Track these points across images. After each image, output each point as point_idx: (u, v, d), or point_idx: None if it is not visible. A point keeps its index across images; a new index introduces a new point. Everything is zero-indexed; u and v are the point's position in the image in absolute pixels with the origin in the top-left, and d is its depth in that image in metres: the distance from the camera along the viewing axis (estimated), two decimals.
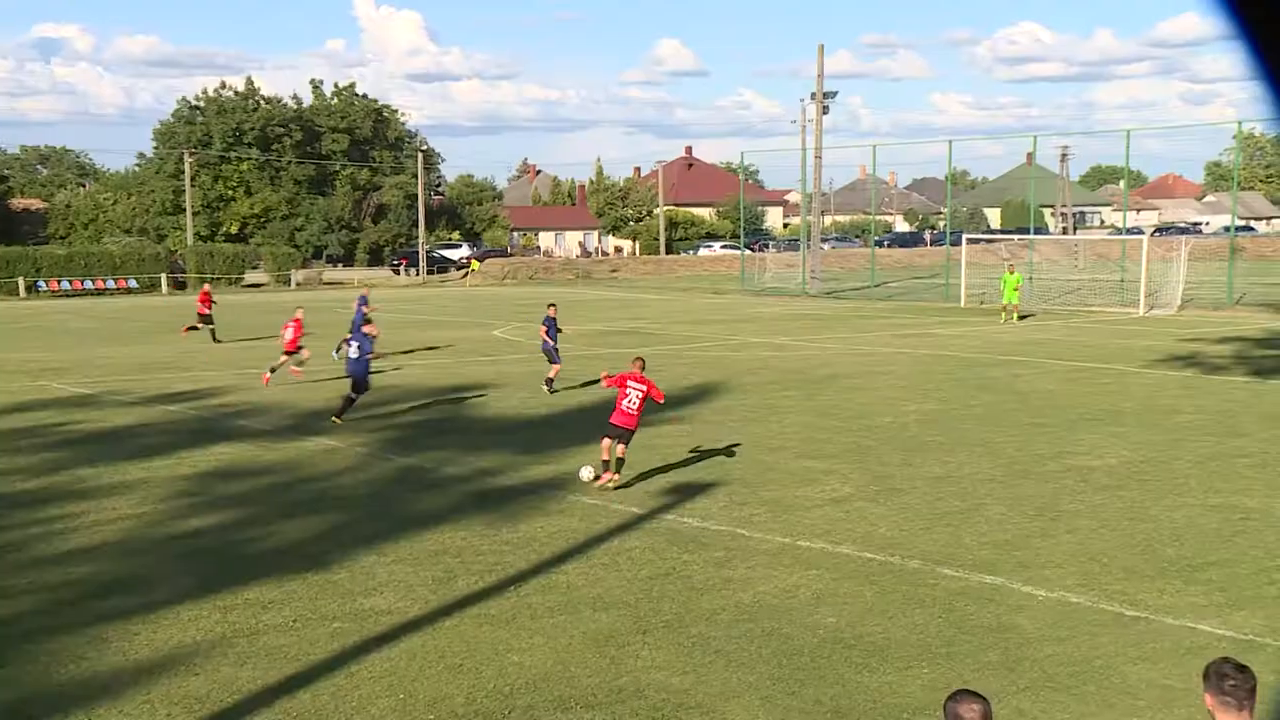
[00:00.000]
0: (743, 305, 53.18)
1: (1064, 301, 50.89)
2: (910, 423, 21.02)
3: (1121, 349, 32.49)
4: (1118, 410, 21.99)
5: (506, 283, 79.75)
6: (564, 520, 14.33)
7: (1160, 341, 34.21)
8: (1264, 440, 18.82)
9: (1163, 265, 51.43)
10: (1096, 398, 23.60)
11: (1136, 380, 26.11)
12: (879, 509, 14.64)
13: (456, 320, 45.87)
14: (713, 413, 22.55)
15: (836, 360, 30.84)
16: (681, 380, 27.28)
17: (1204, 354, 30.81)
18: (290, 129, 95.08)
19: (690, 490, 15.79)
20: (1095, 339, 35.67)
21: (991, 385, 25.60)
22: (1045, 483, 15.97)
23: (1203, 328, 38.68)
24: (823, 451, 18.45)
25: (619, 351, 33.63)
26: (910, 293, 59.89)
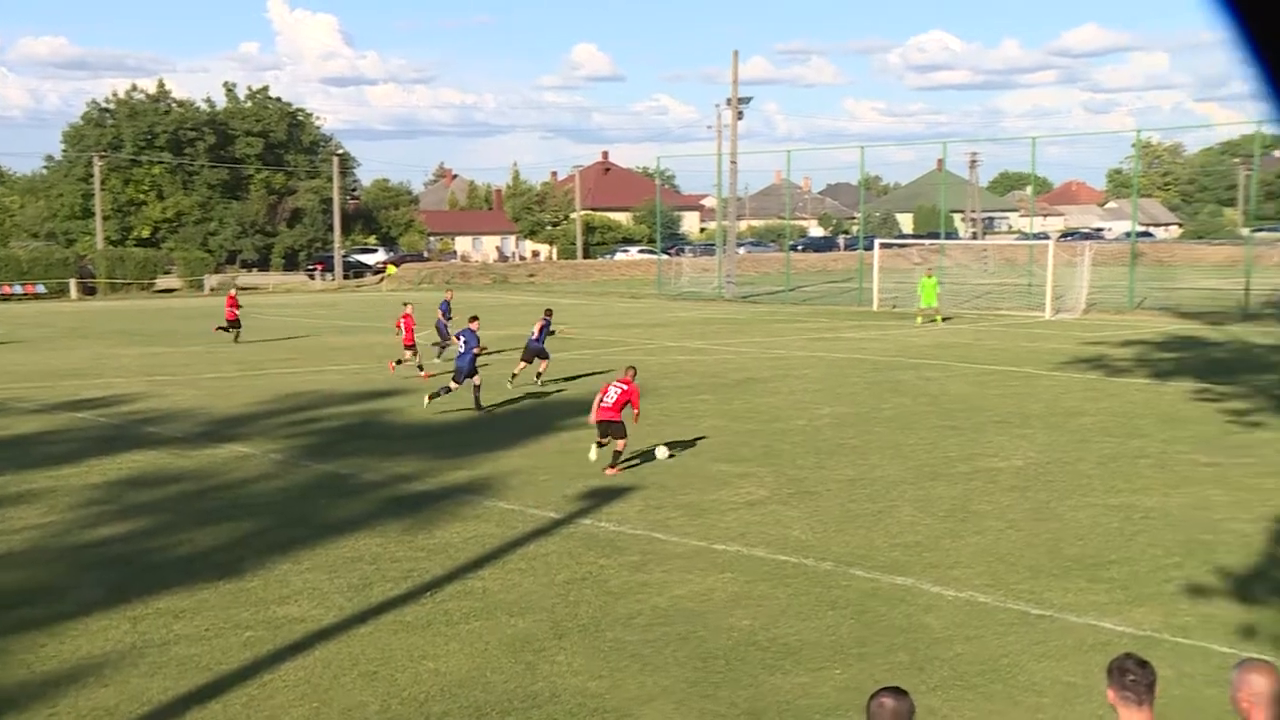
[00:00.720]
0: (659, 309, 53.33)
1: (974, 305, 51.66)
2: (824, 426, 21.22)
3: (1029, 352, 33.07)
4: (1025, 412, 22.38)
5: (423, 287, 79.17)
6: (480, 525, 14.27)
7: (1066, 344, 34.87)
8: (1162, 441, 19.26)
9: (1068, 270, 52.42)
10: (1005, 400, 24.00)
11: (1043, 383, 26.59)
12: (793, 511, 14.76)
13: (373, 325, 45.45)
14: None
15: (752, 364, 31.04)
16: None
17: (1107, 357, 31.45)
18: (203, 132, 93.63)
19: (607, 494, 15.80)
20: (1004, 342, 36.28)
21: (903, 388, 25.92)
22: (955, 484, 16.20)
23: (1106, 331, 39.50)
24: (738, 455, 18.56)
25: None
26: (824, 297, 60.44)
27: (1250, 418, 21.37)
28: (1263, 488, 15.72)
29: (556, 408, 23.85)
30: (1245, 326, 40.59)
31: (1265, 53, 2.15)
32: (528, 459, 18.44)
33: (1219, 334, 38.12)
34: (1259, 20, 2.12)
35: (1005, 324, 43.52)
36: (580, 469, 17.52)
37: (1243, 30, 2.14)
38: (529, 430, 21.07)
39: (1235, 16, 2.14)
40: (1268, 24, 2.12)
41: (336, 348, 37.12)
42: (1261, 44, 2.14)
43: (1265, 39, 2.14)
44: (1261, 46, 2.15)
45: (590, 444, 18.03)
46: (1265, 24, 2.13)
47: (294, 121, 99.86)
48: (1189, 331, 39.06)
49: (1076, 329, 40.57)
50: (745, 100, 61.76)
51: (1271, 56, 2.15)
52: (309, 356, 34.52)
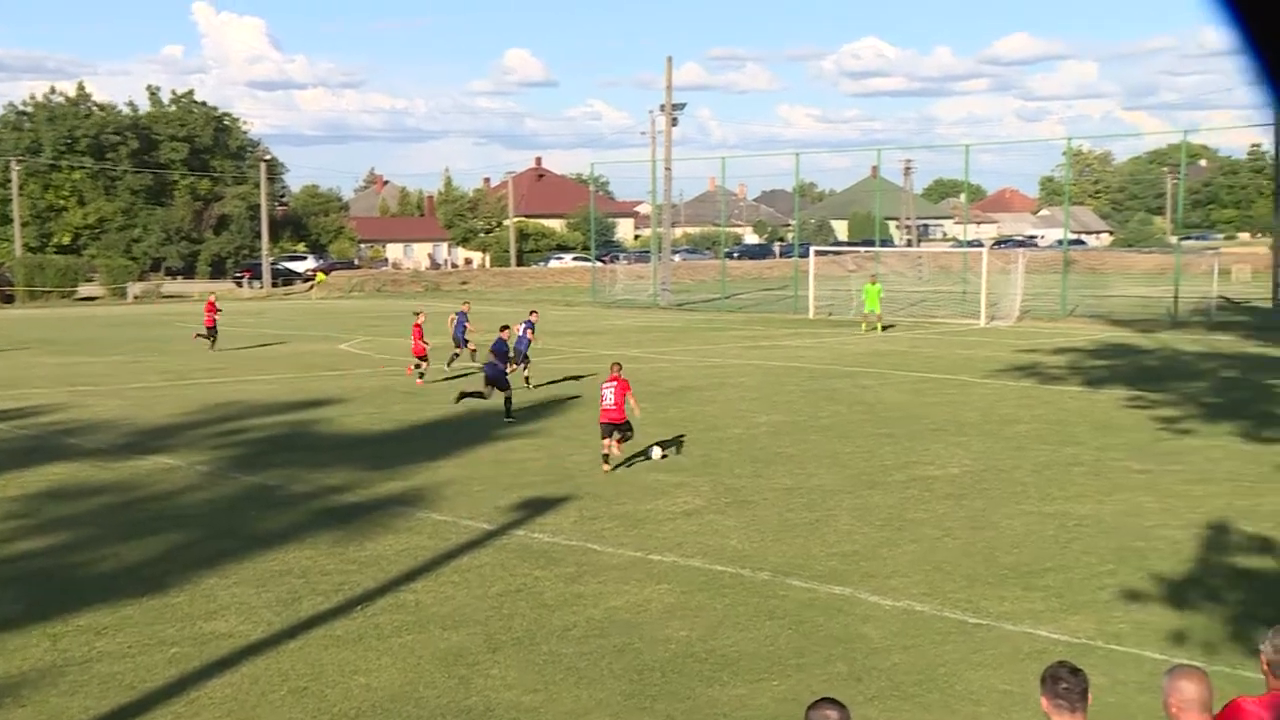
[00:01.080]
0: (594, 317, 53.29)
1: (909, 313, 52.14)
2: (760, 434, 21.30)
3: (964, 360, 33.43)
4: (961, 420, 22.62)
5: (353, 295, 78.56)
6: (412, 537, 14.17)
7: (1000, 352, 35.30)
8: (1096, 448, 19.55)
9: (1002, 277, 53.08)
10: (941, 408, 24.23)
11: (978, 390, 26.89)
12: (730, 521, 14.80)
13: (302, 334, 45.02)
14: (564, 427, 22.54)
15: (688, 372, 31.11)
16: (532, 394, 27.21)
17: (1041, 364, 31.87)
18: (126, 137, 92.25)
19: (541, 505, 15.75)
20: (939, 350, 36.65)
21: (839, 396, 26.09)
22: (892, 493, 16.33)
23: (1039, 338, 40.04)
24: (674, 464, 18.59)
25: (468, 365, 33.43)
26: (760, 304, 60.75)
27: (1180, 425, 21.75)
28: (1192, 494, 16.00)
29: (492, 417, 23.75)
30: (1174, 334, 41.33)
31: (1264, 48, 2.19)
32: (461, 469, 18.34)
33: (1149, 341, 38.78)
34: (1258, 17, 2.16)
35: (940, 332, 43.97)
36: (515, 479, 17.46)
37: (1241, 26, 2.17)
38: (463, 440, 20.96)
39: (1234, 13, 2.17)
40: (1267, 21, 2.15)
41: (265, 357, 36.72)
42: (1260, 40, 2.17)
43: (1264, 35, 2.17)
44: (1260, 43, 2.17)
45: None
46: (1265, 21, 2.15)
47: (220, 126, 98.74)
48: (1120, 339, 39.70)
49: (1011, 337, 41.08)
50: (679, 106, 61.98)
51: (1270, 52, 2.17)
52: (237, 366, 34.11)
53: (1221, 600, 11.36)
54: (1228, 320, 45.98)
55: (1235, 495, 15.87)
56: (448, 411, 24.53)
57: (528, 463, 18.84)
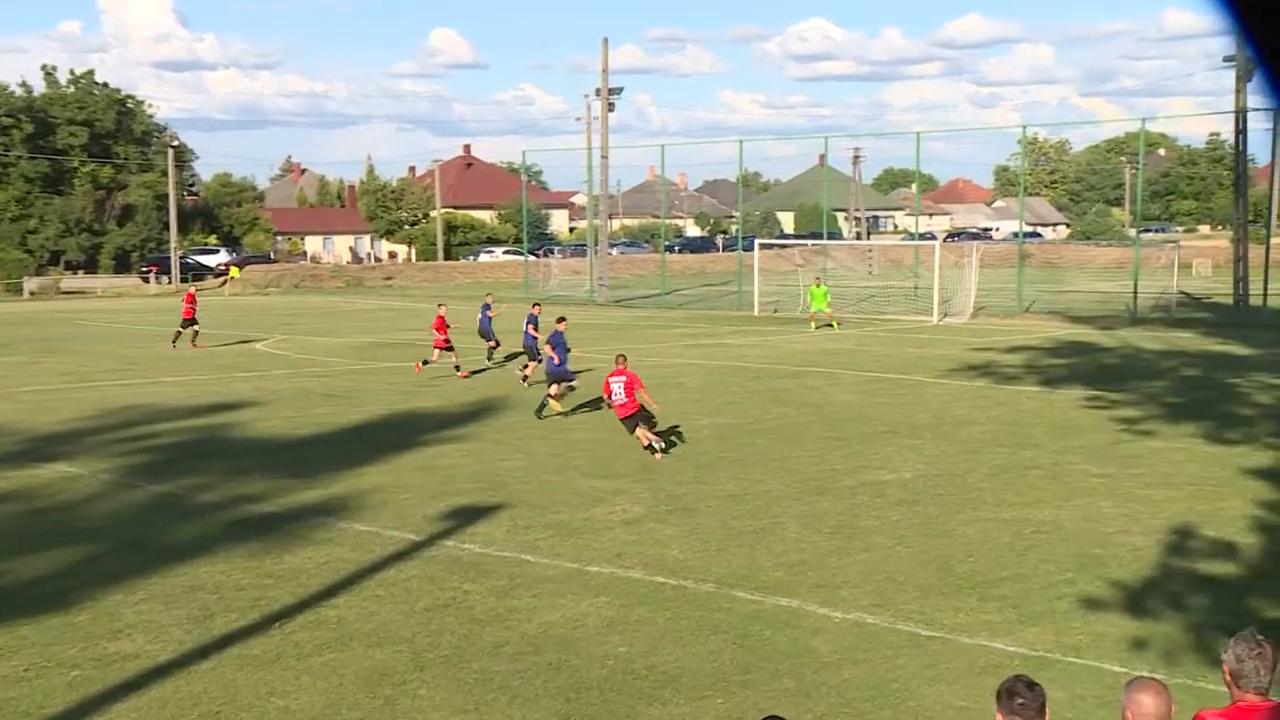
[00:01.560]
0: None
1: (859, 309, 52.50)
2: (703, 438, 21.37)
3: (916, 358, 33.73)
4: (913, 422, 22.81)
5: (270, 291, 77.92)
6: (334, 550, 14.07)
7: (954, 350, 35.64)
8: (1054, 451, 19.79)
9: (955, 271, 53.58)
10: (892, 409, 24.43)
11: (932, 391, 27.13)
12: (671, 530, 14.83)
13: (214, 333, 44.51)
14: (495, 430, 22.50)
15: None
16: (461, 396, 27.13)
17: (996, 363, 32.22)
18: (19, 120, 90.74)
19: (471, 514, 15.71)
20: (890, 348, 36.95)
21: (786, 397, 26.23)
22: (841, 499, 16.44)
23: (994, 336, 40.47)
24: (612, 470, 18.60)
25: (395, 366, 33.26)
26: (702, 300, 60.94)
27: (1141, 426, 22.07)
28: (1153, 499, 16.24)
29: (418, 420, 23.65)
30: (1135, 331, 41.95)
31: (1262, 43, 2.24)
32: (386, 476, 18.24)
33: (1109, 339, 39.33)
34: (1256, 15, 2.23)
35: (891, 329, 44.32)
36: (443, 487, 17.39)
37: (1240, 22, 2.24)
38: (387, 445, 20.84)
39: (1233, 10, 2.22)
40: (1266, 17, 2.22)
41: (174, 357, 36.31)
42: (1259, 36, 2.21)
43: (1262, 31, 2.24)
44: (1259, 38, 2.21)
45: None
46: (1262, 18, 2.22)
47: (123, 109, 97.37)
48: (1079, 336, 40.23)
49: (965, 334, 41.50)
50: (616, 91, 62.06)
51: (1269, 47, 2.22)
52: (143, 367, 33.71)
53: (1183, 608, 11.54)
54: (1189, 316, 46.73)
55: (1197, 499, 16.14)
56: (372, 414, 24.39)
57: (457, 469, 18.78)
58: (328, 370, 32.61)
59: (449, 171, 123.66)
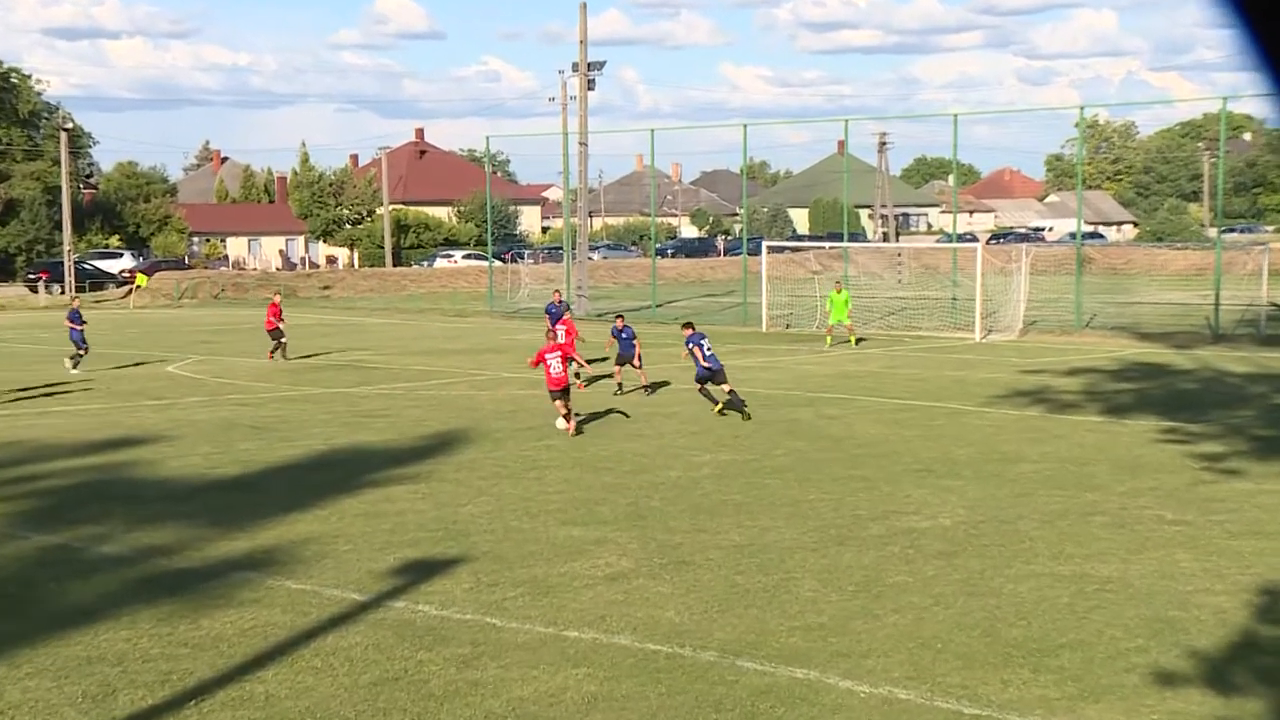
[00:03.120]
0: (492, 331, 53.22)
1: (886, 324, 52.61)
2: (703, 478, 21.36)
3: (955, 383, 33.76)
4: (952, 458, 22.82)
5: (184, 304, 77.90)
6: (262, 612, 14.01)
7: (1000, 373, 35.69)
8: (1121, 494, 19.80)
9: (1001, 280, 53.72)
10: (927, 443, 24.45)
11: (973, 421, 27.16)
12: (665, 587, 14.80)
13: (117, 353, 44.44)
14: (455, 469, 22.46)
15: (611, 400, 31.13)
16: (414, 428, 27.09)
17: (1050, 388, 32.27)
18: None
19: (426, 569, 15.66)
20: (924, 370, 36.97)
21: (801, 429, 26.24)
22: (867, 550, 16.42)
23: (1048, 356, 40.54)
24: (595, 516, 18.57)
25: (335, 392, 33.24)
26: (701, 314, 60.85)
27: (1225, 464, 22.10)
28: (1241, 551, 16.24)
29: (362, 457, 23.61)
30: (1216, 350, 42.05)
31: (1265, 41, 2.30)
32: (325, 524, 18.19)
33: (1186, 360, 39.42)
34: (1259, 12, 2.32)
35: (925, 348, 44.38)
36: (392, 536, 17.35)
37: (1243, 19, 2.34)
38: (326, 487, 20.80)
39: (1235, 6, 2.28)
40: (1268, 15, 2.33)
41: (68, 382, 36.21)
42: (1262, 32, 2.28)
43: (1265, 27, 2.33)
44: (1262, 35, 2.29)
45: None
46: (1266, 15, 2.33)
47: (5, 85, 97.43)
48: (1149, 356, 40.32)
49: (1013, 354, 41.55)
50: (597, 65, 62.20)
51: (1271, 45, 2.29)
52: (29, 395, 33.61)
53: (1277, 683, 11.53)
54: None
55: None
56: (307, 450, 24.35)
57: (409, 514, 18.73)
58: (254, 397, 32.55)
59: (399, 161, 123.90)
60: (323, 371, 38.28)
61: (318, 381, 35.79)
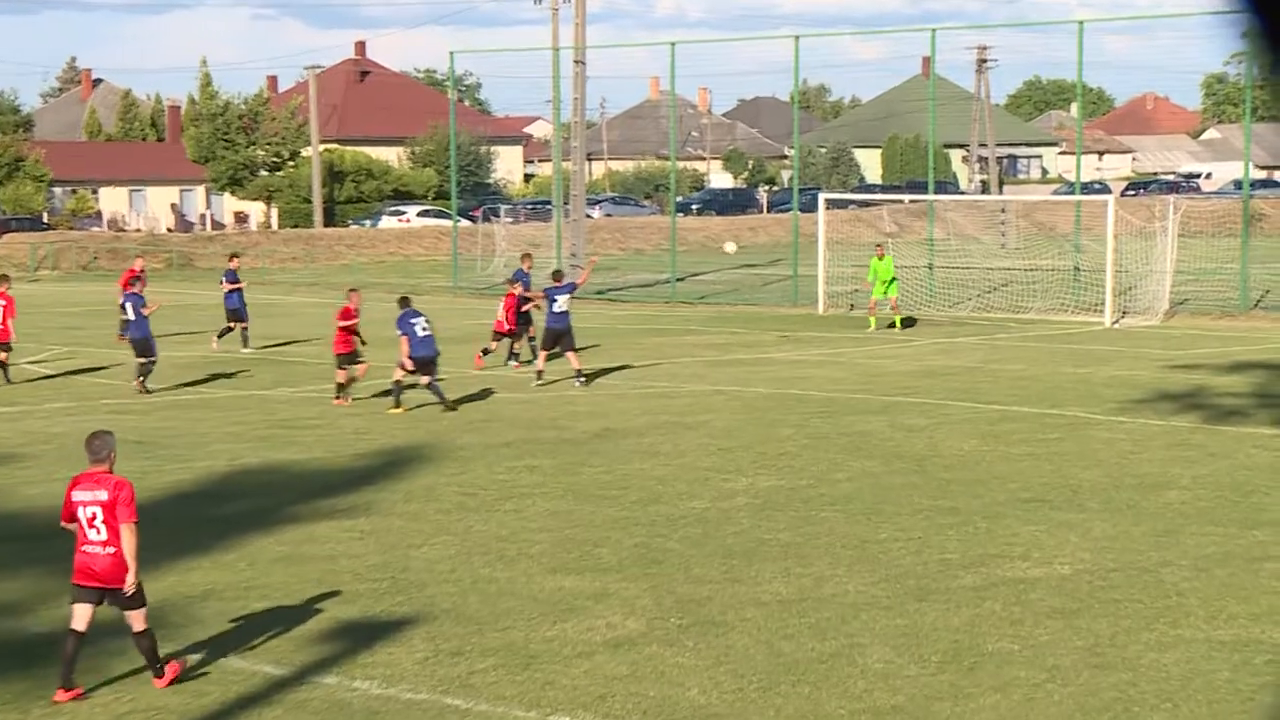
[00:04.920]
0: (456, 312, 53.06)
1: (984, 304, 52.39)
2: (737, 510, 21.31)
3: (1077, 383, 33.64)
4: (1073, 485, 22.74)
5: (41, 276, 77.92)
6: (144, 692, 14.02)
7: (1139, 370, 35.56)
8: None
9: (1141, 244, 53.50)
10: (1039, 465, 24.37)
11: (1102, 435, 27.07)
12: (686, 658, 14.79)
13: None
14: (406, 498, 22.43)
15: (614, 405, 31.09)
16: (352, 444, 27.09)
17: (1207, 390, 32.15)
18: None
19: (367, 632, 15.67)
20: (1034, 366, 36.86)
21: (870, 445, 26.18)
22: (958, 608, 16.39)
23: (1204, 347, 40.40)
24: (593, 561, 18.54)
25: (247, 394, 33.24)
26: (737, 290, 60.86)
27: None
28: None
29: (282, 481, 23.60)
30: None
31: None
32: (229, 572, 18.19)
33: None
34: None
35: (1037, 336, 44.26)
36: (321, 588, 17.31)
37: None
38: (232, 522, 20.80)
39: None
40: None
41: None
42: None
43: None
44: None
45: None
46: None
47: None
48: None
49: (1156, 344, 41.43)
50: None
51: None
52: None
53: None
54: None
55: None
56: (208, 472, 24.37)
57: (344, 560, 18.71)
58: (137, 403, 32.58)
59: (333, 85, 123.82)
60: (229, 367, 38.24)
61: (223, 382, 35.75)
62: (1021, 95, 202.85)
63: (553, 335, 34.34)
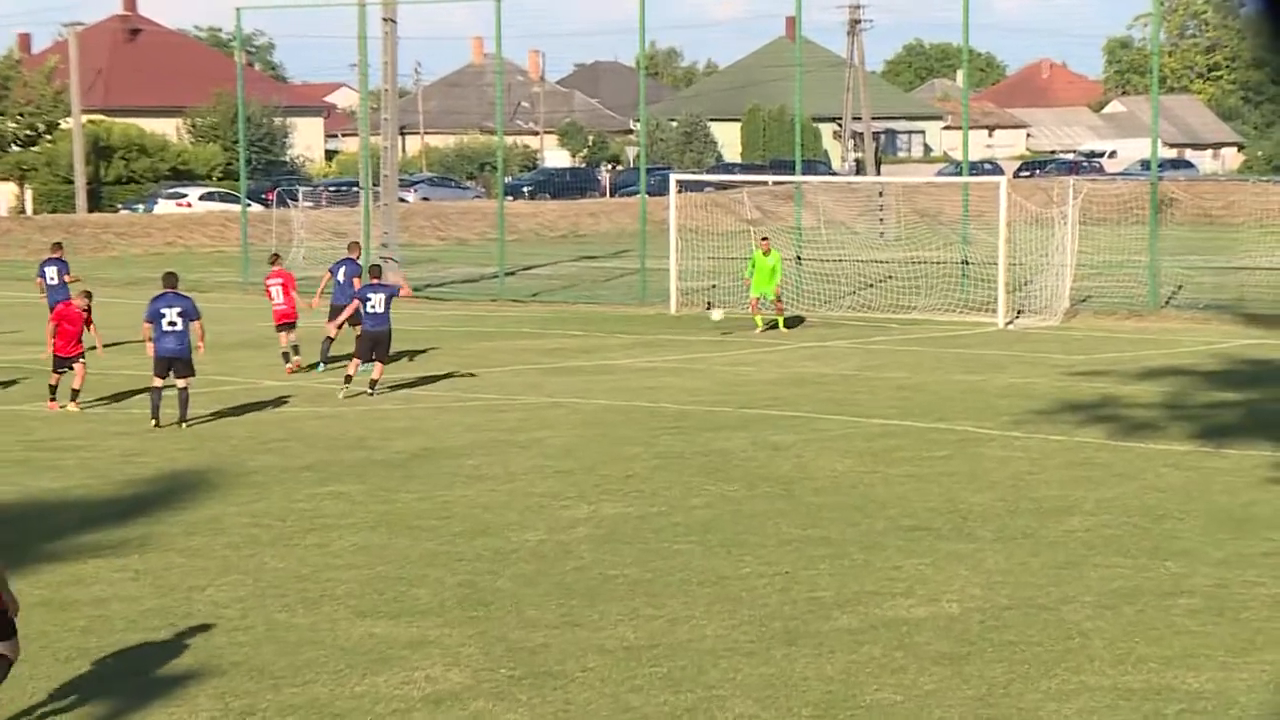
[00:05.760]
0: (246, 313, 52.75)
1: (860, 301, 52.69)
2: (578, 542, 21.34)
3: (967, 392, 33.93)
4: (962, 510, 22.94)
5: None
6: None
7: (1036, 378, 35.90)
8: (1219, 563, 19.98)
9: (1038, 233, 53.99)
10: (923, 487, 24.56)
11: (995, 452, 27.32)
12: (520, 714, 14.80)
13: None
14: (188, 531, 22.29)
15: (436, 420, 31.04)
16: (122, 468, 26.88)
17: (1114, 400, 32.50)
18: None
19: (141, 689, 15.56)
20: (918, 374, 37.11)
21: (729, 466, 26.27)
22: (832, 653, 16.49)
23: (1110, 351, 40.82)
24: (410, 603, 18.51)
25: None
26: (575, 286, 60.90)
27: None
28: None
29: (39, 513, 23.38)
30: None
31: None
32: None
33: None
34: None
35: (921, 339, 44.58)
36: (85, 639, 17.18)
37: None
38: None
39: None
40: None
41: None
42: None
43: None
44: None
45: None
46: None
47: None
48: (1262, 351, 40.74)
49: (1055, 347, 41.83)
50: None
51: None
52: None
53: None
54: None
55: None
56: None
57: (114, 603, 18.56)
58: None
59: (98, 44, 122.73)
60: None
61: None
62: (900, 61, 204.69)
63: (369, 340, 34.19)
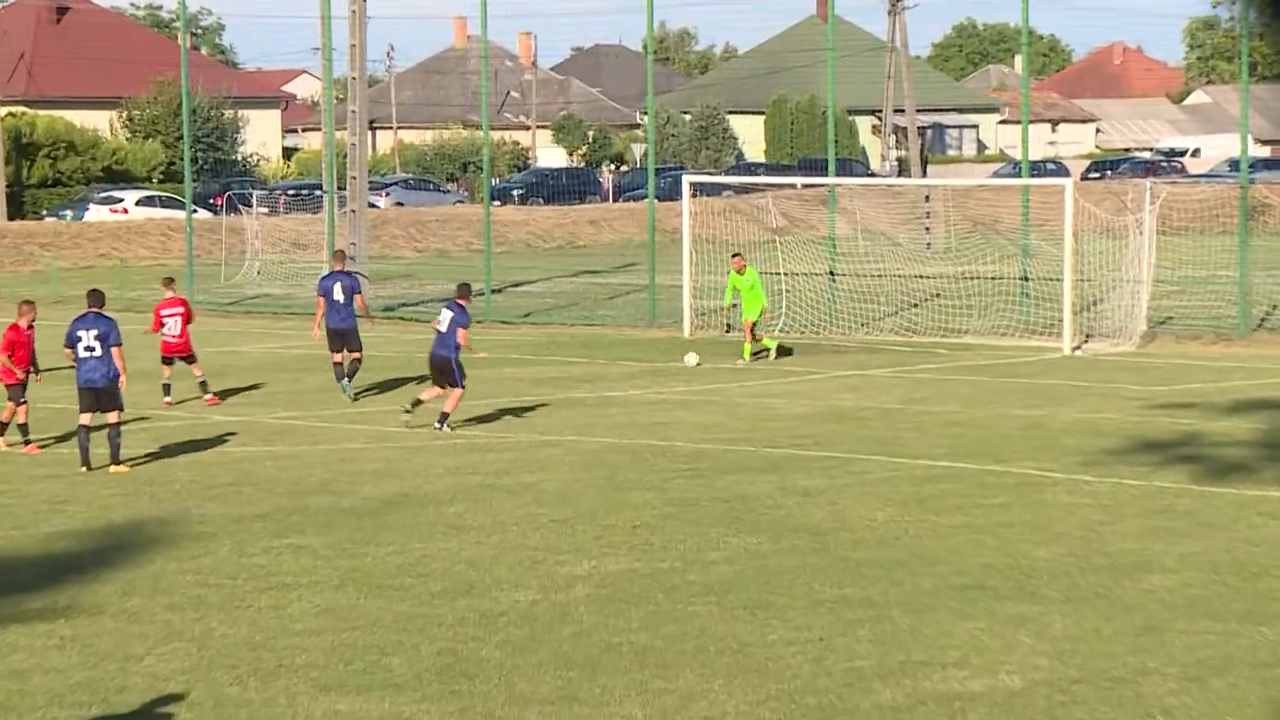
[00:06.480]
0: (199, 337, 52.81)
1: (904, 323, 52.67)
2: (577, 603, 21.31)
3: (1028, 428, 33.90)
4: (1023, 566, 22.88)
5: None
6: None
7: (1108, 412, 35.87)
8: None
9: (1110, 245, 53.91)
10: (976, 539, 24.51)
11: (1062, 498, 27.26)
12: None
13: None
14: (124, 592, 22.26)
15: (412, 461, 31.04)
16: (48, 519, 26.91)
17: (1199, 438, 32.45)
18: None
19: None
20: (971, 408, 37.09)
21: (753, 514, 26.23)
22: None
23: (1194, 381, 40.83)
24: (380, 674, 18.48)
25: None
26: (574, 304, 61.02)
27: None
28: None
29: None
30: None
31: None
32: None
33: None
34: None
35: (974, 366, 44.58)
36: (12, 711, 17.12)
37: None
38: None
39: None
40: None
41: None
42: None
43: None
44: None
45: None
46: None
47: None
48: None
49: (1130, 376, 41.83)
50: None
51: None
52: None
53: None
54: None
55: None
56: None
57: (37, 677, 18.54)
58: None
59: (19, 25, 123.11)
60: None
61: None
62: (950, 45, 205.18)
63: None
